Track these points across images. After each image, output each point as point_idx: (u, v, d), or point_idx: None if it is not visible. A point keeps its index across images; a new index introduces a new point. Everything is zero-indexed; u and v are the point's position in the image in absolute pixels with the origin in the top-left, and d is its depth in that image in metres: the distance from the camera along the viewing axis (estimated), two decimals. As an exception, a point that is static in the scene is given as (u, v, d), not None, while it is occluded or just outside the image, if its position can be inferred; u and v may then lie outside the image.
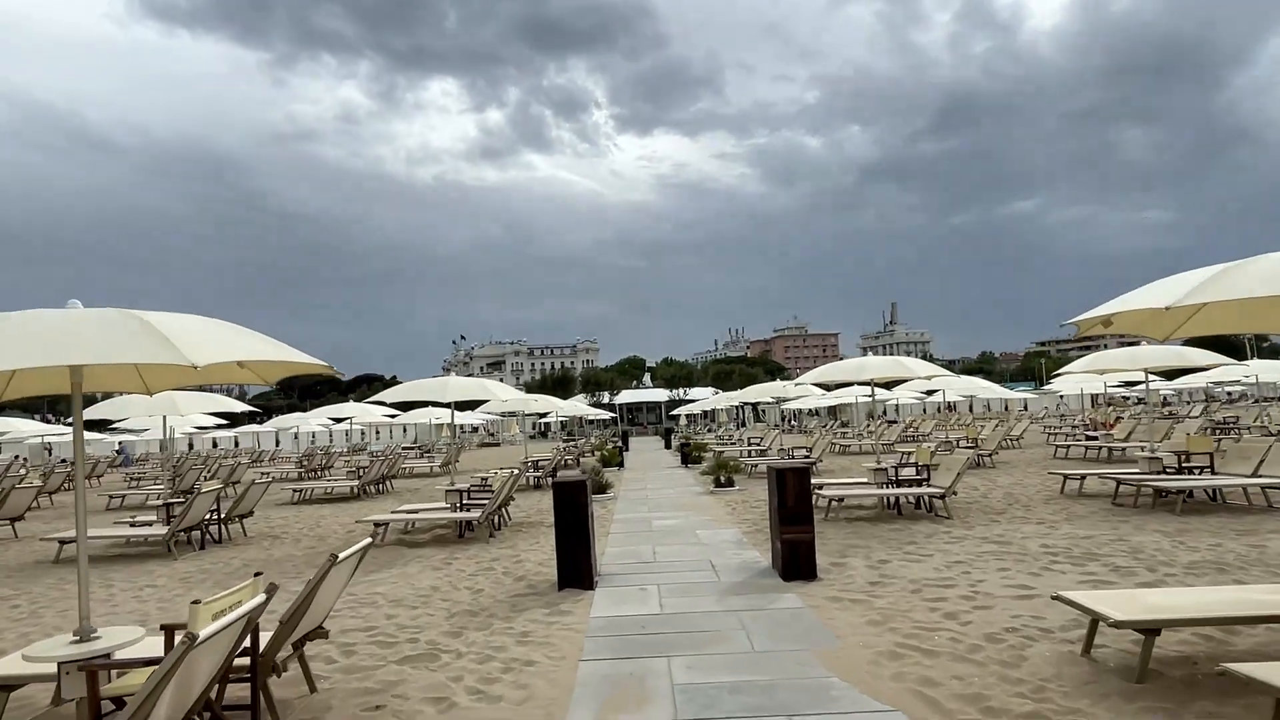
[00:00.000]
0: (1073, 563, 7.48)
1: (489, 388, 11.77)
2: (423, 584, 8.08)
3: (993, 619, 5.72)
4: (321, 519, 14.39)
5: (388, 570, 8.94)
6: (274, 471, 28.09)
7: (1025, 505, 11.62)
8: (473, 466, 28.54)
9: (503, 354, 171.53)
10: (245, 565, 9.90)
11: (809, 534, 7.37)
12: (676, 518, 12.06)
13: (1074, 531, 9.18)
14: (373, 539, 6.89)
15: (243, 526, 12.79)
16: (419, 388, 11.74)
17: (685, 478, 19.58)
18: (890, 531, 9.78)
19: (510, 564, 8.96)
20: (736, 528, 10.76)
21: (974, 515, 10.85)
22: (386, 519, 10.91)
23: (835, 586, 6.97)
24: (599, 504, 14.23)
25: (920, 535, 9.40)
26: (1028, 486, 14.04)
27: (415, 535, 11.53)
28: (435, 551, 10.04)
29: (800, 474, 7.47)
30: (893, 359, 11.97)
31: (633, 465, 25.54)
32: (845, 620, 5.86)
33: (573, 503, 7.36)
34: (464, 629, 6.21)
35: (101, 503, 19.35)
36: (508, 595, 7.34)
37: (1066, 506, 11.29)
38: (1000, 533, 9.32)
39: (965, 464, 10.65)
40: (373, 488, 19.40)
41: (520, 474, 12.34)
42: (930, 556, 8.09)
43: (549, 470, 18.92)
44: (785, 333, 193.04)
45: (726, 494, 15.09)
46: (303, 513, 15.58)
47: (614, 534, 10.69)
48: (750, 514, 12.09)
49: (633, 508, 13.65)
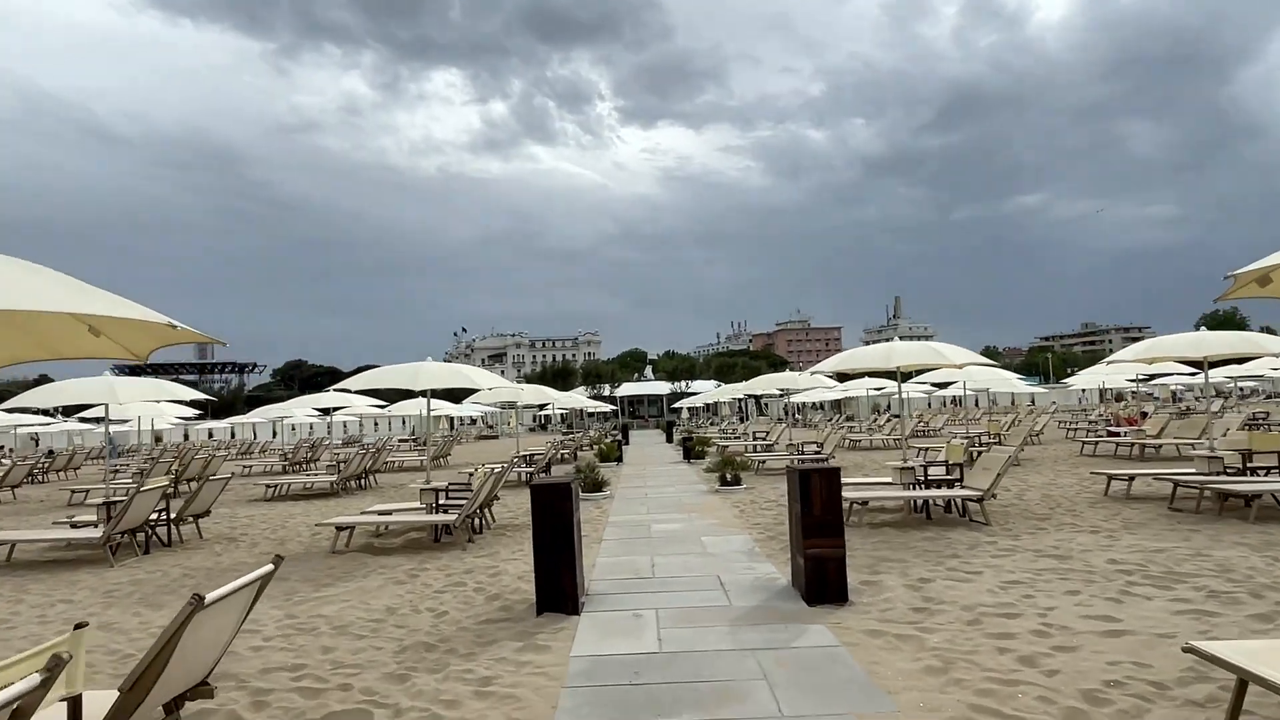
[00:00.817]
0: (1154, 585, 6.22)
1: (467, 374, 10.51)
2: (379, 603, 6.84)
3: (1084, 666, 4.47)
4: (291, 518, 13.15)
5: (343, 584, 7.69)
6: (256, 465, 26.91)
7: (1070, 509, 10.36)
8: (465, 460, 27.32)
9: (504, 346, 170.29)
10: (186, 575, 8.66)
11: (839, 549, 6.11)
12: (678, 521, 10.81)
13: (1140, 543, 7.91)
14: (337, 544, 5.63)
15: (198, 527, 11.55)
16: (389, 374, 10.48)
17: (688, 474, 18.33)
18: (924, 541, 8.52)
19: (486, 576, 7.72)
20: (746, 534, 9.51)
21: (1015, 521, 9.59)
22: (351, 522, 9.67)
23: (873, 614, 5.71)
24: (593, 504, 12.99)
25: (961, 546, 8.14)
26: (1064, 487, 12.78)
27: (387, 539, 10.30)
28: (403, 560, 8.80)
29: (828, 477, 6.21)
30: (924, 344, 10.71)
31: (632, 460, 24.30)
32: (894, 666, 4.61)
33: (555, 511, 6.10)
34: (413, 670, 4.96)
35: (63, 497, 18.16)
36: (475, 621, 6.09)
37: (1117, 511, 10.02)
38: (1053, 544, 8.06)
39: (1006, 464, 9.39)
40: (354, 483, 18.19)
41: (505, 471, 11.09)
42: (979, 574, 6.82)
43: (541, 465, 17.68)
44: (788, 326, 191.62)
45: (733, 493, 13.84)
46: (273, 511, 14.35)
47: (608, 540, 9.44)
48: (761, 517, 10.84)
49: (630, 508, 12.40)
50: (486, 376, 10.93)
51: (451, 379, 10.26)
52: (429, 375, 10.05)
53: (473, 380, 10.35)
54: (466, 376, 10.36)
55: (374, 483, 19.31)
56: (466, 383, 10.29)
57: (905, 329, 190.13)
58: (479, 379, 10.56)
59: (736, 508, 11.95)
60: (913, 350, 10.58)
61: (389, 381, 10.34)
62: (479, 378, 10.63)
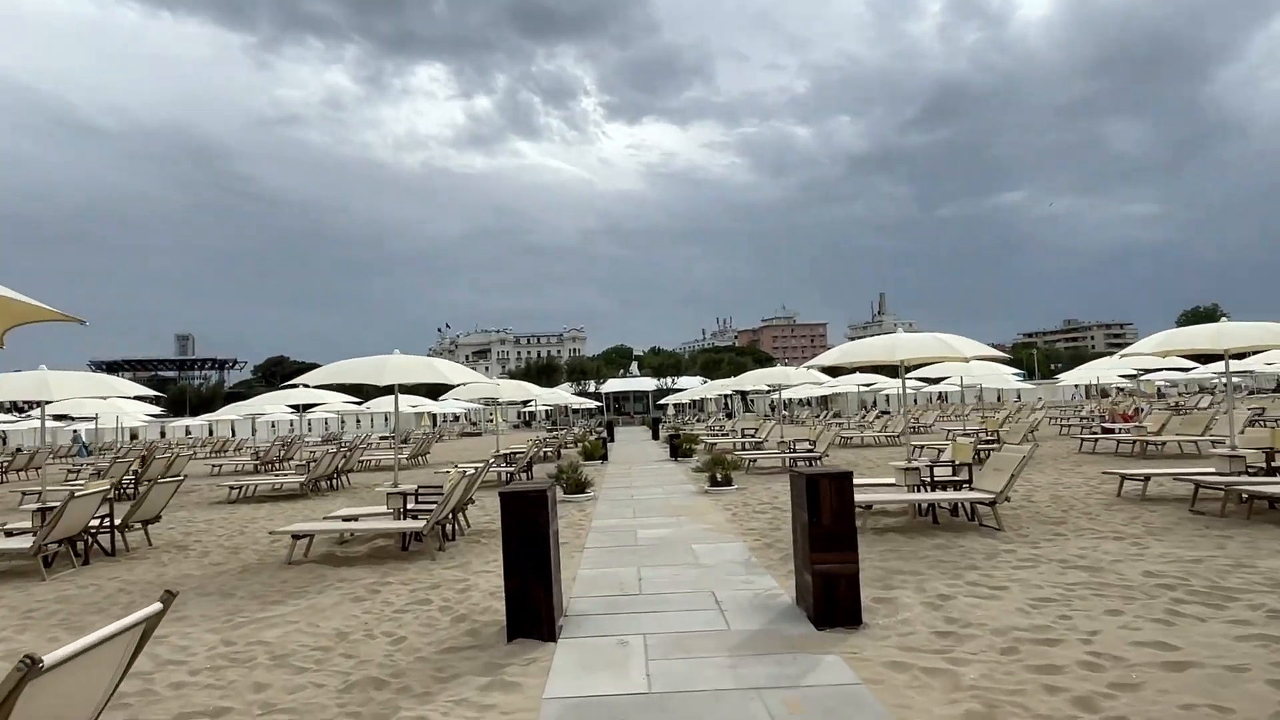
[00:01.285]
0: (1204, 603, 5.53)
1: (437, 368, 9.66)
2: (331, 625, 6.05)
3: (1154, 712, 3.75)
4: (252, 523, 12.29)
5: (294, 601, 6.89)
6: (228, 464, 25.94)
7: (1085, 512, 9.70)
8: (445, 458, 26.44)
9: (488, 342, 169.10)
10: (122, 590, 7.81)
11: (852, 564, 5.38)
12: (667, 525, 10.06)
13: (1172, 551, 7.23)
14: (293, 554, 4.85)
15: (147, 534, 10.68)
16: (352, 367, 9.61)
17: (675, 473, 17.59)
18: (936, 549, 7.80)
19: (454, 593, 6.94)
20: (741, 540, 8.77)
21: (1030, 526, 8.92)
22: (310, 530, 8.84)
23: (892, 640, 4.99)
24: (576, 506, 12.22)
25: (978, 555, 7.43)
26: (1071, 487, 12.14)
27: (351, 547, 9.48)
28: (366, 572, 7.99)
29: (839, 483, 5.47)
30: (931, 336, 9.97)
31: (617, 458, 23.54)
32: (929, 711, 3.87)
33: (528, 522, 5.33)
34: (355, 717, 4.18)
35: (14, 499, 17.17)
36: (437, 649, 5.31)
37: (1136, 514, 9.37)
38: (1077, 552, 7.37)
39: (1021, 465, 8.70)
40: (325, 483, 17.32)
41: (480, 472, 10.30)
42: (1005, 590, 6.12)
43: (522, 465, 16.88)
44: (773, 322, 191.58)
45: (723, 494, 13.11)
46: (235, 515, 13.47)
47: (590, 548, 8.68)
48: (755, 521, 10.11)
49: (615, 511, 11.64)
50: (458, 371, 10.10)
51: (421, 373, 9.42)
52: (396, 369, 9.22)
53: (444, 375, 9.51)
54: (437, 370, 9.53)
55: (347, 483, 18.43)
56: (436, 377, 9.46)
57: (890, 325, 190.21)
58: (450, 373, 9.73)
59: (728, 510, 11.22)
60: (918, 342, 9.85)
61: (352, 375, 9.49)
62: (450, 372, 9.80)
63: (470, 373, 10.53)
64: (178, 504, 15.48)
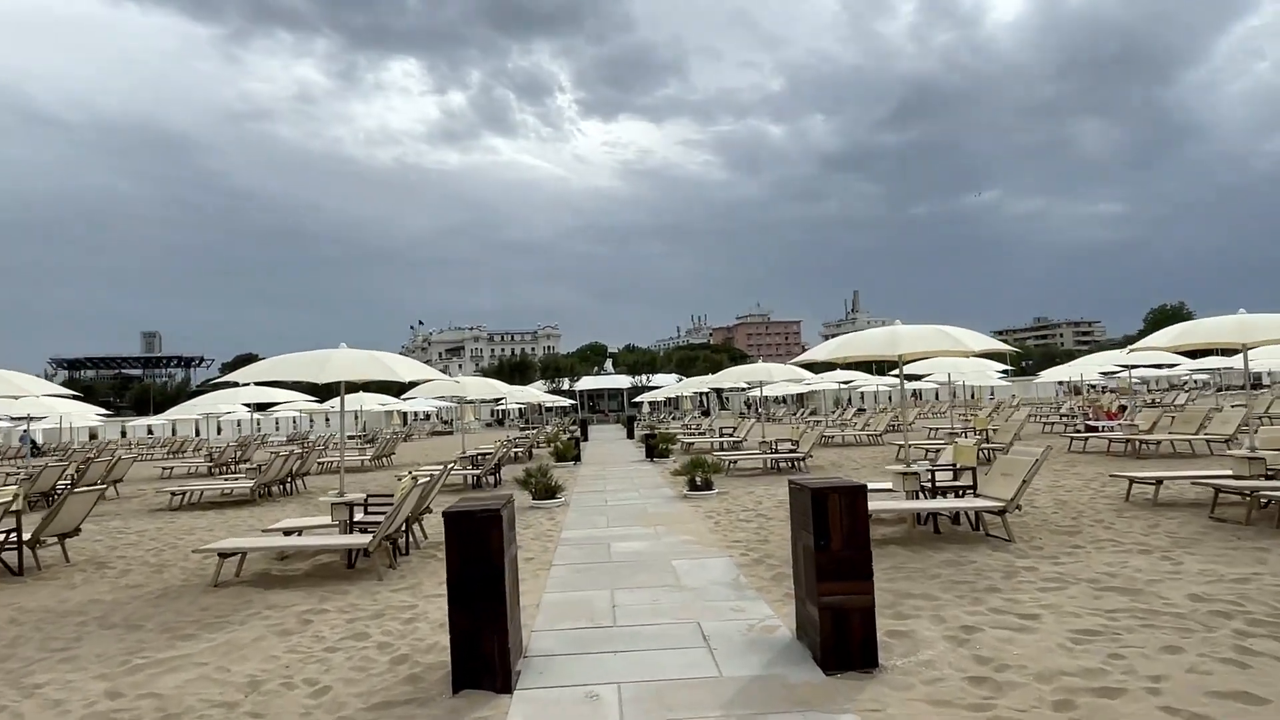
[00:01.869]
0: (1273, 635, 4.73)
1: (387, 363, 8.59)
2: (244, 669, 5.06)
3: (1275, 801, 2.92)
4: (189, 534, 11.19)
5: (209, 635, 5.88)
6: (181, 466, 24.61)
7: (1096, 519, 8.95)
8: (411, 459, 25.33)
9: (461, 339, 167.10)
10: (13, 621, 6.73)
11: (867, 596, 4.51)
12: (643, 537, 9.16)
13: (1211, 568, 6.46)
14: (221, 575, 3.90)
15: (64, 549, 9.55)
16: (288, 364, 8.52)
17: (651, 475, 16.70)
18: (946, 566, 6.98)
19: (398, 624, 5.98)
20: (726, 555, 7.89)
21: (1042, 536, 8.14)
22: (239, 547, 7.80)
23: (917, 689, 4.13)
24: (545, 513, 11.28)
25: (994, 573, 6.61)
26: (1073, 490, 11.44)
27: (292, 564, 8.46)
28: (300, 596, 7.00)
29: (852, 499, 4.59)
30: (933, 328, 9.14)
31: (591, 459, 22.60)
32: (987, 804, 3.00)
33: (478, 549, 4.40)
34: (243, 813, 3.22)
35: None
36: (366, 704, 4.36)
37: (1154, 522, 8.64)
38: (1105, 570, 6.58)
39: (1034, 470, 7.92)
40: (278, 488, 16.19)
41: (439, 478, 9.33)
42: (1036, 619, 5.28)
43: (489, 467, 15.90)
44: (748, 320, 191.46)
45: (704, 499, 12.24)
46: (172, 525, 12.35)
47: (558, 566, 7.74)
48: (740, 531, 9.24)
49: (587, 519, 10.72)
50: (412, 367, 9.04)
51: (368, 369, 8.38)
52: (340, 365, 8.18)
53: (394, 371, 8.48)
54: (386, 366, 8.49)
55: (302, 488, 17.31)
56: (386, 374, 8.43)
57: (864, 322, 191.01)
58: (402, 369, 8.69)
59: (710, 518, 10.35)
60: (920, 335, 9.02)
61: (290, 372, 8.42)
62: (402, 368, 8.75)
63: (426, 369, 9.51)
64: (114, 512, 14.31)
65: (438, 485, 9.72)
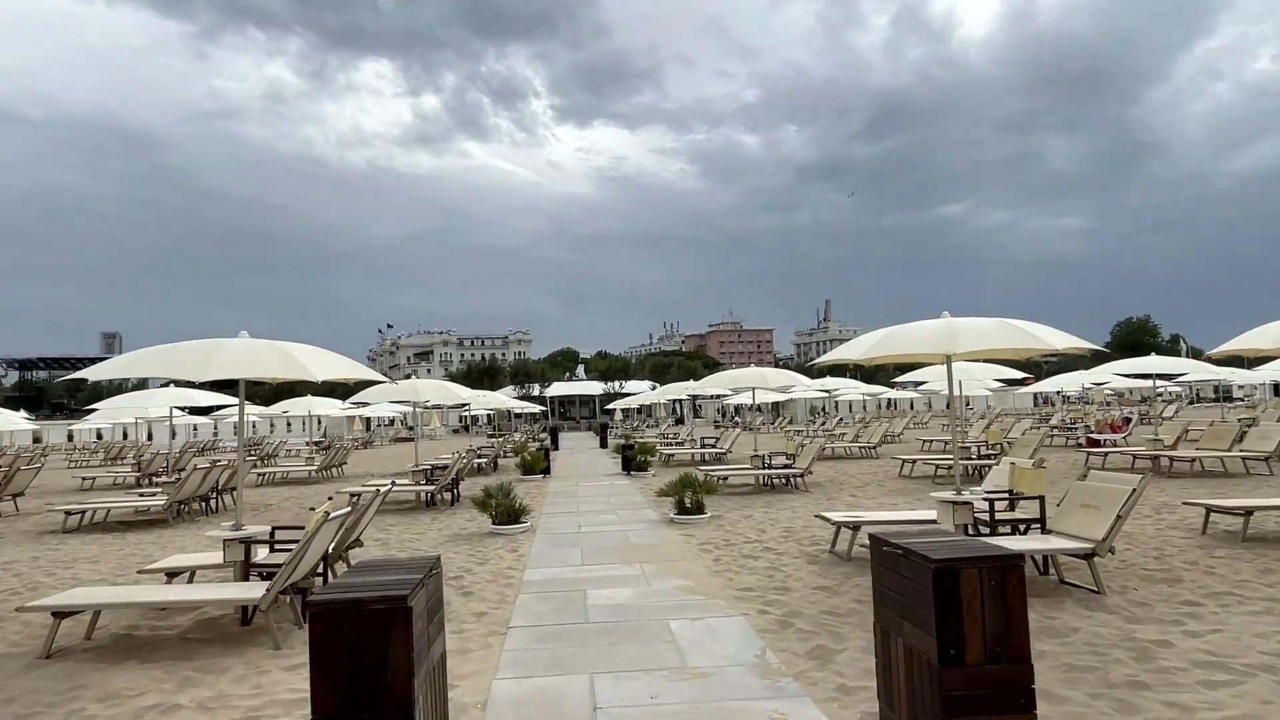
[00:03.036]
0: None
1: (294, 356, 6.48)
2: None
3: None
4: (64, 569, 9.10)
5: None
6: (104, 476, 22.21)
7: (1188, 560, 7.24)
8: (364, 469, 23.19)
9: (431, 344, 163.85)
10: None
11: (1030, 744, 2.70)
12: (628, 580, 7.28)
13: None
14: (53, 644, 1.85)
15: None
16: (158, 358, 6.42)
17: (630, 493, 14.82)
18: (1042, 636, 5.16)
19: (277, 734, 4.05)
20: (738, 611, 6.04)
21: (1133, 584, 6.41)
22: (81, 604, 5.72)
23: None
24: (507, 543, 9.36)
25: (1116, 649, 4.81)
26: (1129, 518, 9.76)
27: (172, 617, 6.46)
28: (159, 676, 5.02)
29: (1002, 577, 2.78)
30: (1000, 321, 7.18)
31: (562, 470, 20.64)
32: None
33: (365, 667, 2.50)
34: None
35: None
36: None
37: (1264, 565, 6.95)
38: (1258, 642, 4.83)
39: (1130, 502, 6.19)
40: (200, 504, 14.03)
41: (369, 504, 7.40)
42: (1238, 745, 3.50)
43: (445, 483, 13.91)
44: (721, 328, 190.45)
45: (695, 526, 10.39)
46: (53, 553, 10.23)
47: (517, 627, 5.84)
48: (748, 573, 7.39)
49: (557, 552, 8.82)
50: (327, 363, 6.93)
51: (268, 365, 6.29)
52: (229, 360, 6.14)
53: (304, 367, 6.40)
54: (293, 362, 6.33)
55: (228, 504, 15.17)
56: (295, 371, 6.37)
57: (835, 332, 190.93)
58: (314, 366, 6.55)
59: (707, 552, 8.50)
60: (984, 330, 7.12)
61: (158, 368, 6.37)
62: (314, 364, 6.59)
63: (354, 366, 7.49)
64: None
65: (369, 512, 7.76)
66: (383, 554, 9.28)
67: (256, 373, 6.42)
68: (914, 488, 14.11)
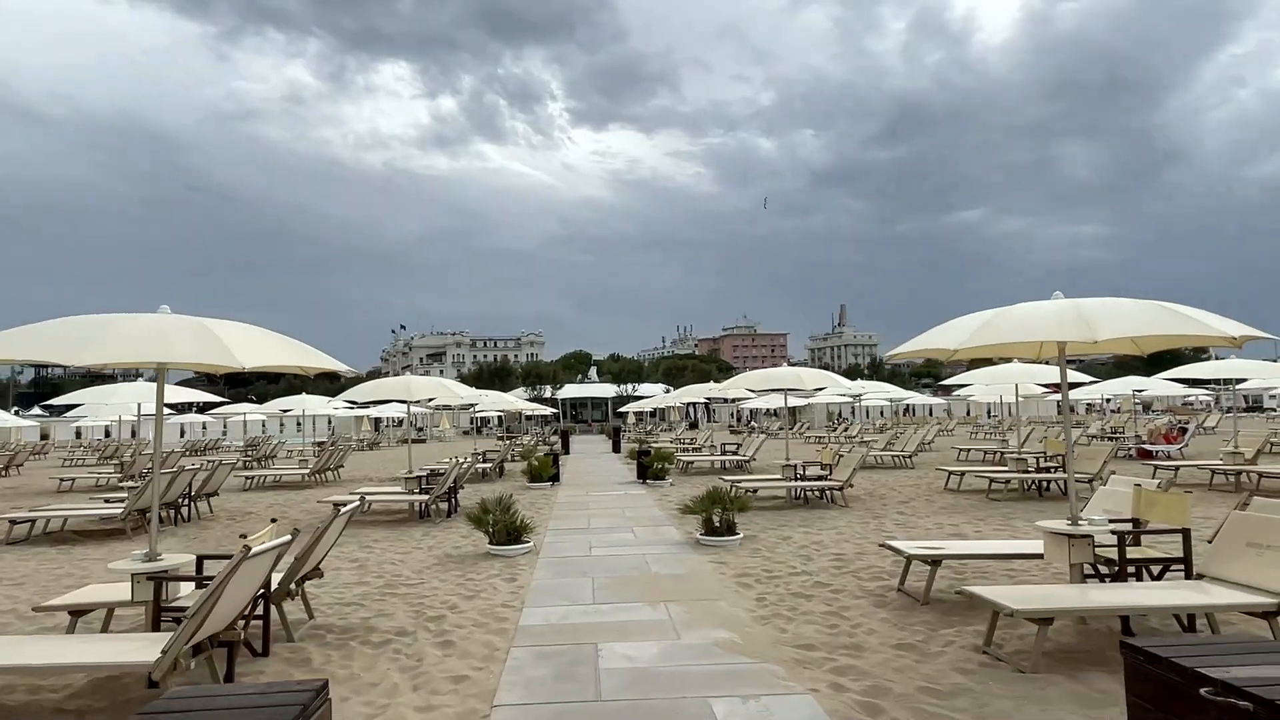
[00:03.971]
0: None
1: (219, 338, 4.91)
2: None
3: None
4: (-20, 592, 7.67)
5: None
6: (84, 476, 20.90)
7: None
8: (361, 473, 21.76)
9: (444, 345, 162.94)
10: None
11: None
12: (651, 629, 5.72)
13: None
14: None
15: None
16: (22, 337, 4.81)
17: (647, 506, 13.25)
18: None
19: None
20: (801, 681, 4.48)
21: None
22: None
23: None
24: (505, 568, 7.83)
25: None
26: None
27: (65, 676, 4.98)
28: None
29: None
30: (1153, 304, 5.13)
31: (572, 478, 19.10)
32: None
33: None
34: None
35: None
36: None
37: None
38: None
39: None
40: (169, 513, 12.57)
41: (321, 530, 5.91)
42: None
43: (440, 492, 12.41)
44: (734, 332, 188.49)
45: (726, 550, 8.83)
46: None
47: (503, 707, 4.30)
48: (803, 621, 5.82)
49: (563, 584, 7.28)
50: (257, 348, 5.28)
51: (176, 347, 4.68)
52: (117, 341, 4.51)
53: (228, 350, 4.82)
54: (215, 341, 4.81)
55: (208, 511, 13.74)
56: (223, 359, 4.74)
57: (850, 337, 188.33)
58: (241, 353, 4.82)
59: (746, 587, 6.95)
60: (1128, 313, 5.31)
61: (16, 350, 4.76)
62: (242, 350, 4.87)
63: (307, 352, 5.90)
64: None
65: (328, 535, 6.26)
66: (357, 579, 7.77)
67: (162, 356, 4.91)
68: (968, 504, 12.48)
